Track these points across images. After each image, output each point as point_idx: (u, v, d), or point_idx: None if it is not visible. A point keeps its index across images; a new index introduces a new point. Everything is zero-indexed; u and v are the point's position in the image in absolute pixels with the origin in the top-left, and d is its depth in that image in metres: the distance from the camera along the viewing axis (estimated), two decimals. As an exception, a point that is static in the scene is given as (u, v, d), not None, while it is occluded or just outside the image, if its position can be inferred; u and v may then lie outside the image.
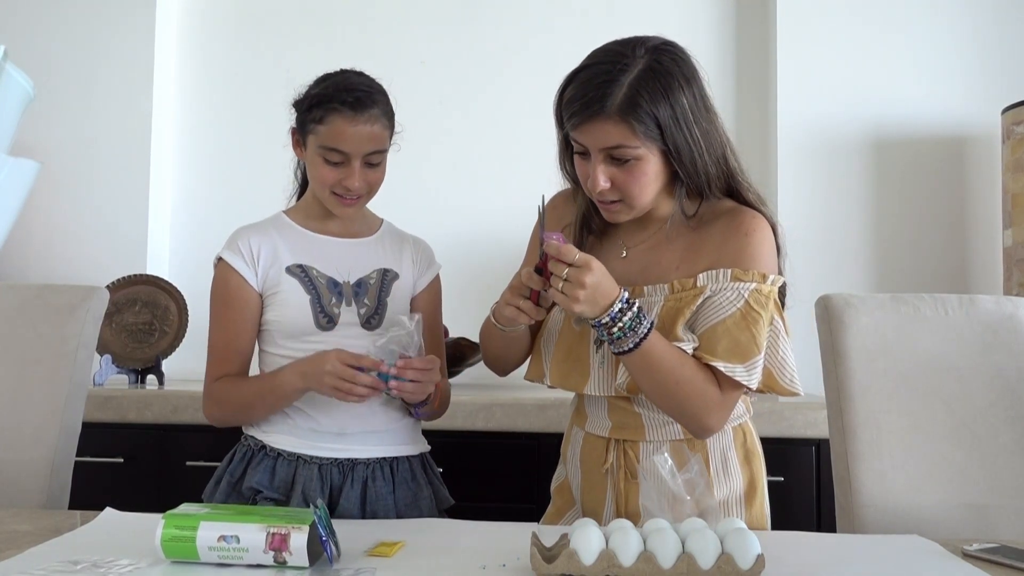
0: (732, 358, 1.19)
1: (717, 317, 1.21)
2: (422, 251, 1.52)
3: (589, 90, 1.16)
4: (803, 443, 1.94)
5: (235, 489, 1.40)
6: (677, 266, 1.27)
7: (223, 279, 1.42)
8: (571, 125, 1.19)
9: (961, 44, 2.50)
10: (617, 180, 1.19)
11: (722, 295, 1.21)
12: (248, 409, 1.40)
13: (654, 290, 1.26)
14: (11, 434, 1.45)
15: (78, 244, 2.64)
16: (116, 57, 2.66)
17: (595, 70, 1.17)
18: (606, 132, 1.16)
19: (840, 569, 1.03)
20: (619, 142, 1.16)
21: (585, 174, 1.22)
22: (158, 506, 1.10)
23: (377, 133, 1.35)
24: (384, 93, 1.39)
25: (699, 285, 1.23)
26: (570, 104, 1.18)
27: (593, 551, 0.93)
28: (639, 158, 1.17)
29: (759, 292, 1.21)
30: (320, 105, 1.34)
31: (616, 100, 1.14)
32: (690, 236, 1.28)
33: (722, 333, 1.20)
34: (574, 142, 1.21)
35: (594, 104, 1.15)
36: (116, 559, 1.00)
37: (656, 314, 1.23)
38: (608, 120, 1.15)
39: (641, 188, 1.20)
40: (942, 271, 2.48)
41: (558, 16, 2.67)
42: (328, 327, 1.39)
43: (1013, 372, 1.42)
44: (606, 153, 1.18)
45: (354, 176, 1.35)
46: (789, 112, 2.51)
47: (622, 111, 1.14)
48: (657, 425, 1.28)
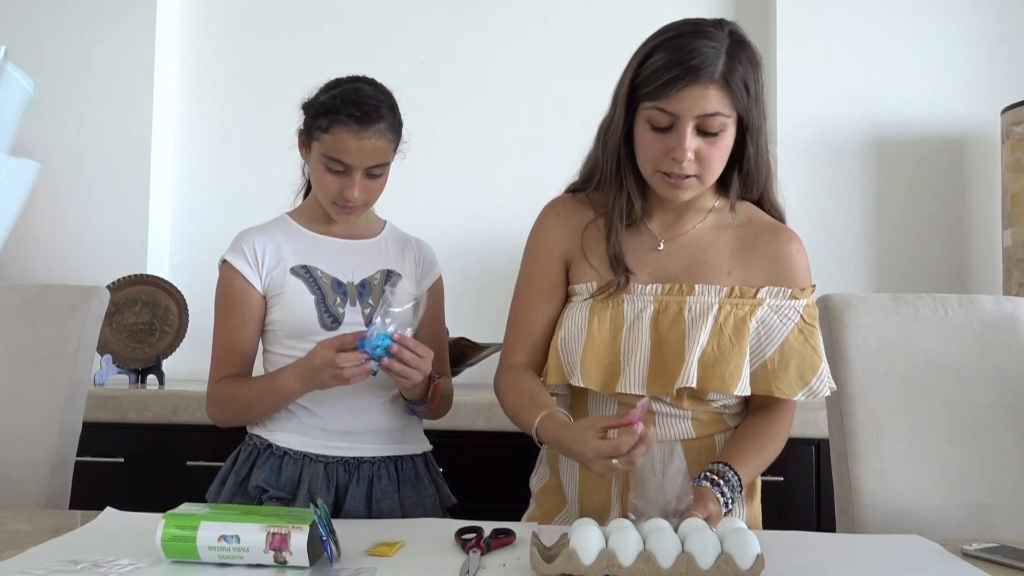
0: (807, 374, 1.25)
1: (780, 335, 1.26)
2: (424, 254, 1.53)
3: (690, 56, 1.14)
4: (803, 443, 1.94)
5: (241, 488, 1.40)
6: (729, 271, 1.29)
7: (227, 281, 1.43)
8: (668, 92, 1.15)
9: (961, 44, 2.50)
10: (701, 152, 1.19)
11: (781, 313, 1.27)
12: (248, 410, 1.41)
13: (707, 290, 1.27)
14: (11, 434, 1.46)
15: (78, 244, 2.64)
16: (116, 57, 2.66)
17: (688, 39, 1.16)
18: (707, 98, 1.15)
19: (840, 569, 1.03)
20: (717, 109, 1.16)
21: (664, 148, 1.19)
22: (158, 506, 1.10)
23: (381, 147, 1.36)
24: (392, 106, 1.39)
25: (759, 297, 1.27)
26: (662, 71, 1.15)
27: (593, 551, 0.93)
28: (725, 128, 1.19)
29: (809, 307, 1.29)
30: (327, 114, 1.34)
31: (719, 66, 1.15)
32: (736, 242, 1.30)
33: (788, 352, 1.25)
34: (659, 112, 1.17)
35: (698, 70, 1.14)
36: (116, 559, 1.00)
37: (714, 316, 1.25)
38: (712, 84, 1.15)
39: (720, 162, 1.22)
40: (942, 271, 2.48)
41: (558, 17, 2.67)
42: (333, 327, 1.39)
43: (1013, 372, 1.42)
44: (698, 122, 1.17)
45: (354, 187, 1.36)
46: (789, 112, 2.51)
47: (725, 76, 1.15)
48: (668, 424, 1.28)
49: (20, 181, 2.29)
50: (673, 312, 1.26)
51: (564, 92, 2.61)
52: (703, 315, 1.24)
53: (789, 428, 1.32)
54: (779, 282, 1.28)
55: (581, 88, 2.48)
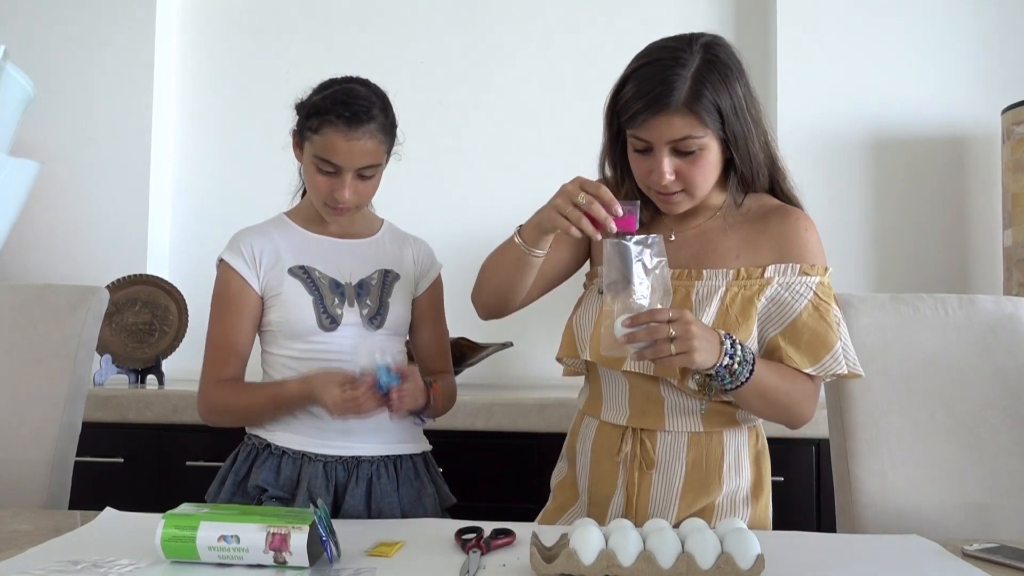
0: (819, 350, 1.24)
1: (793, 311, 1.26)
2: (422, 251, 1.53)
3: (654, 86, 1.19)
4: (803, 443, 1.94)
5: (240, 488, 1.40)
6: (737, 255, 1.30)
7: (224, 280, 1.43)
8: (637, 123, 1.21)
9: (961, 44, 2.50)
10: (681, 171, 1.23)
11: (792, 289, 1.27)
12: (252, 418, 1.43)
13: (714, 274, 1.29)
14: (11, 434, 1.46)
15: (78, 244, 2.64)
16: (116, 57, 2.66)
17: (656, 67, 1.20)
18: (673, 125, 1.19)
19: (840, 569, 1.03)
20: (686, 133, 1.20)
21: (647, 169, 1.25)
22: (158, 506, 1.10)
23: (371, 148, 1.35)
24: (385, 107, 1.39)
25: (767, 276, 1.27)
26: (632, 102, 1.21)
27: (592, 551, 0.93)
28: (703, 148, 1.21)
29: (823, 284, 1.28)
30: (317, 115, 1.34)
31: (682, 93, 1.18)
32: (745, 228, 1.32)
33: (801, 327, 1.25)
34: (635, 139, 1.24)
35: (662, 99, 1.18)
36: (116, 559, 1.00)
37: (720, 298, 1.27)
38: (675, 113, 1.18)
39: (704, 177, 1.24)
40: (942, 271, 2.48)
41: (558, 17, 2.67)
42: (331, 328, 1.39)
43: (1013, 372, 1.42)
44: (672, 146, 1.21)
45: (344, 188, 1.36)
46: (789, 112, 2.51)
47: (688, 102, 1.18)
48: (677, 414, 1.29)
49: (20, 181, 2.29)
50: (681, 295, 1.28)
51: (564, 92, 2.62)
52: (709, 297, 1.27)
53: (815, 396, 1.28)
54: (787, 259, 1.28)
55: (582, 87, 2.48)
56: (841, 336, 1.27)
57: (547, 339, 1.63)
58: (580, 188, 1.17)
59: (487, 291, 1.38)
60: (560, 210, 1.17)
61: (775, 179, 1.34)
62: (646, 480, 1.29)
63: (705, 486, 1.28)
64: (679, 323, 1.12)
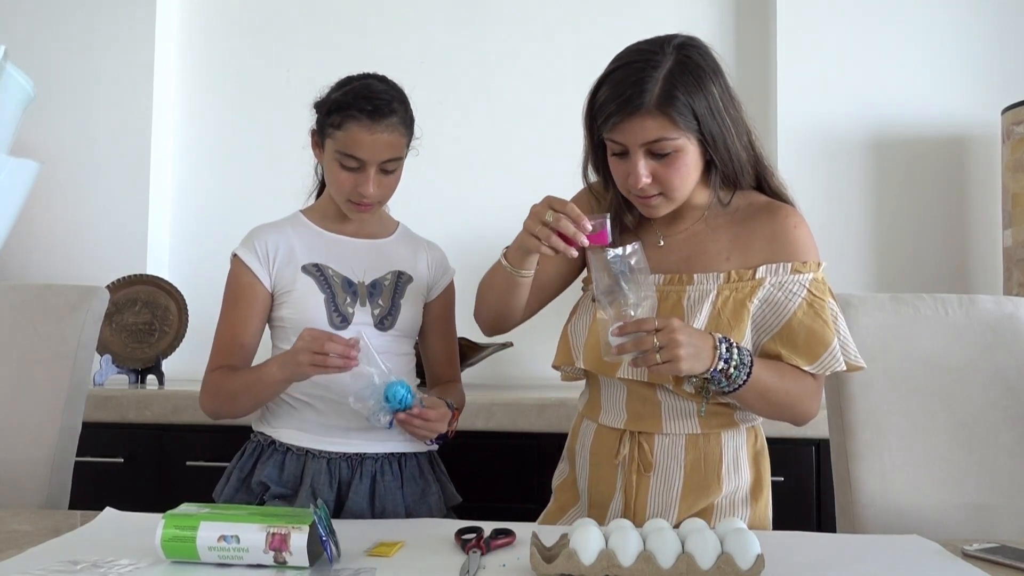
0: (816, 349, 1.24)
1: (787, 311, 1.26)
2: (436, 256, 1.54)
3: (625, 89, 1.18)
4: (803, 443, 1.94)
5: (244, 484, 1.41)
6: (728, 256, 1.30)
7: (235, 274, 1.45)
8: (609, 126, 1.21)
9: (961, 44, 2.50)
10: (658, 174, 1.22)
11: (785, 289, 1.26)
12: (234, 400, 1.40)
13: (705, 278, 1.28)
14: (11, 434, 1.46)
15: (78, 244, 2.64)
16: (116, 57, 2.66)
17: (628, 70, 1.20)
18: (645, 127, 1.19)
19: (840, 569, 1.03)
20: (659, 135, 1.19)
21: (624, 172, 1.24)
22: (158, 506, 1.10)
23: (394, 141, 1.36)
24: (404, 101, 1.40)
25: (758, 277, 1.27)
26: (605, 105, 1.21)
27: (592, 551, 0.93)
28: (678, 149, 1.21)
29: (816, 280, 1.28)
30: (339, 111, 1.35)
31: (654, 94, 1.18)
32: (733, 228, 1.31)
33: (797, 327, 1.25)
34: (611, 143, 1.24)
35: (633, 101, 1.18)
36: (116, 559, 1.00)
37: (711, 302, 1.26)
38: (647, 115, 1.18)
39: (681, 179, 1.24)
40: (942, 271, 2.48)
41: (557, 16, 2.67)
42: (342, 326, 1.40)
43: (1013, 372, 1.42)
44: (646, 148, 1.21)
45: (368, 183, 1.36)
46: (789, 112, 2.51)
47: (660, 104, 1.18)
48: (674, 417, 1.29)
49: (20, 181, 2.29)
50: (672, 301, 1.28)
51: (565, 91, 2.59)
52: (700, 302, 1.26)
53: (817, 393, 1.28)
54: (778, 258, 1.27)
55: (582, 87, 2.47)
56: (839, 331, 1.27)
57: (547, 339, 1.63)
58: (548, 206, 1.17)
59: (485, 311, 1.39)
60: (530, 231, 1.18)
61: (762, 176, 1.33)
62: (644, 483, 1.29)
63: (704, 487, 1.28)
64: (664, 332, 1.12)
